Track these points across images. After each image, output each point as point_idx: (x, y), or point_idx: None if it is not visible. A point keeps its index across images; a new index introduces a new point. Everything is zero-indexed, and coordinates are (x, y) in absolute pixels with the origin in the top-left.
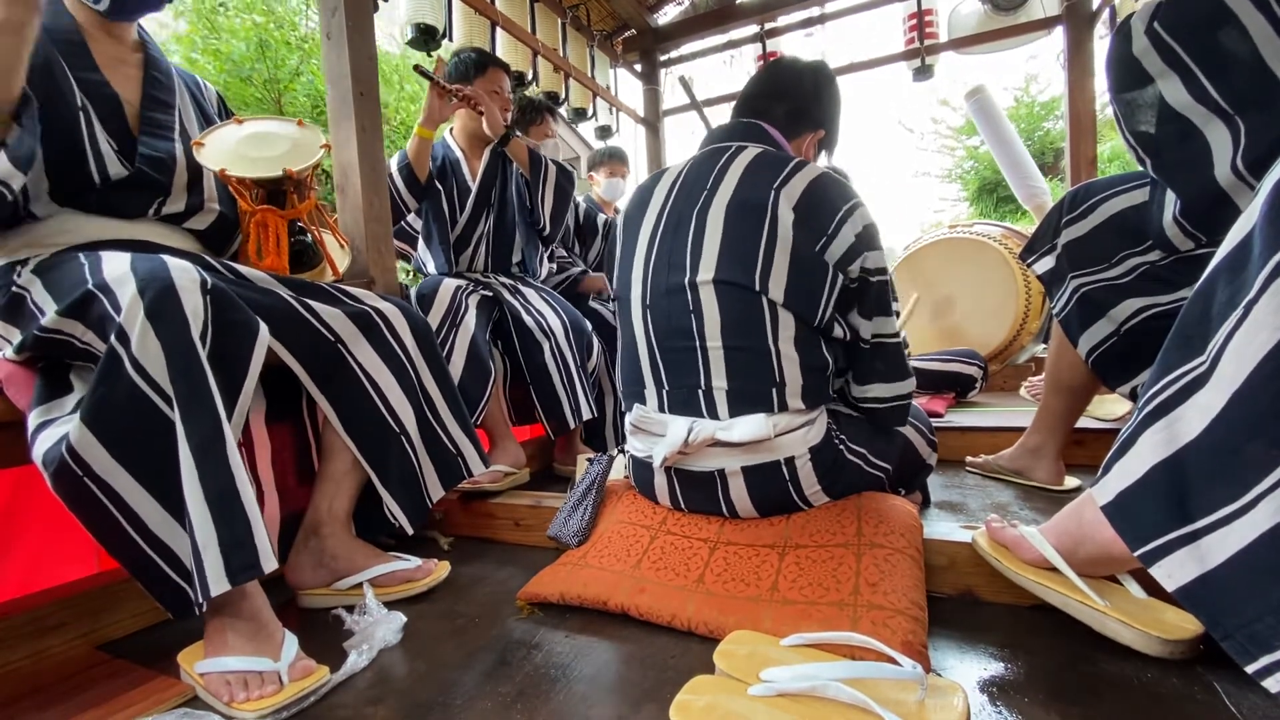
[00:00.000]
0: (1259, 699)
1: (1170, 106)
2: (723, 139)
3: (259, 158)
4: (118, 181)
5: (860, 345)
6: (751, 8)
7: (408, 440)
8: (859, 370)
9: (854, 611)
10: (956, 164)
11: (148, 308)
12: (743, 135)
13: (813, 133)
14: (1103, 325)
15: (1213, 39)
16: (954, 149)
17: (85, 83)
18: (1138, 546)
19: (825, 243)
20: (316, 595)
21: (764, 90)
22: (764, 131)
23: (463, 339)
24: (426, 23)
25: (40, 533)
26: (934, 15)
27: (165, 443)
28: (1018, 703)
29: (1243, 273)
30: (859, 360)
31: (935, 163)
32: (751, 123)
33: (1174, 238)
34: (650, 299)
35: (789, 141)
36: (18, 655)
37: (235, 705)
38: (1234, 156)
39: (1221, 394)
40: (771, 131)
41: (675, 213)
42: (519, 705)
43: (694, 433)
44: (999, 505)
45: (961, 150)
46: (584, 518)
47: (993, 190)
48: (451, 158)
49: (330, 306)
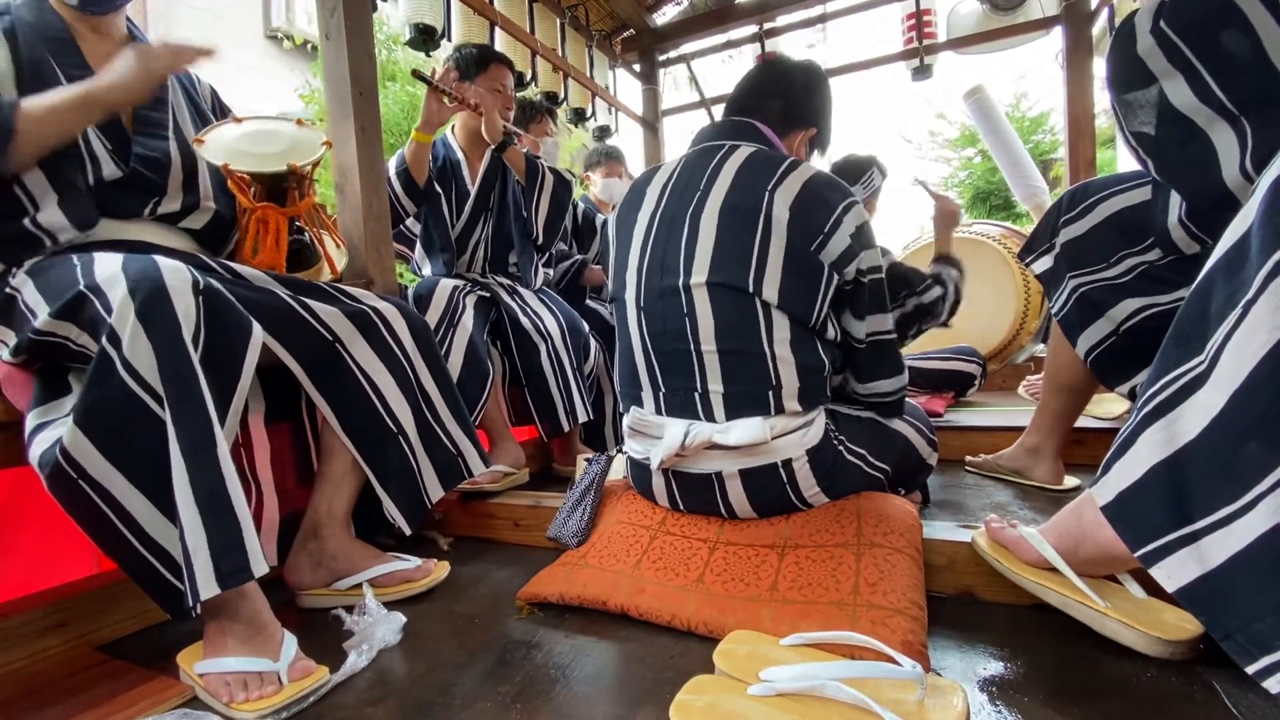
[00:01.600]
0: (1258, 698)
1: (1172, 107)
2: (714, 138)
3: (262, 153)
4: (113, 182)
5: (855, 345)
6: (750, 8)
7: (406, 440)
8: (860, 369)
9: (853, 611)
10: (952, 173)
11: (138, 309)
12: (735, 134)
13: (804, 130)
14: (1101, 325)
15: (1219, 38)
16: (950, 159)
17: (76, 81)
18: (1138, 547)
19: (821, 242)
20: (316, 595)
21: (755, 89)
22: (756, 130)
23: (460, 339)
24: (425, 23)
25: (40, 533)
26: (932, 15)
27: (158, 444)
28: (1017, 702)
29: (1240, 272)
30: (858, 359)
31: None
32: (744, 121)
33: (1179, 240)
34: (644, 301)
35: (781, 139)
36: (17, 656)
37: (235, 706)
38: (1242, 159)
39: (1221, 394)
40: (764, 130)
41: (668, 214)
42: (519, 705)
43: (690, 436)
44: (998, 505)
45: (957, 160)
46: (583, 518)
47: (986, 198)
48: (452, 159)
49: (328, 306)
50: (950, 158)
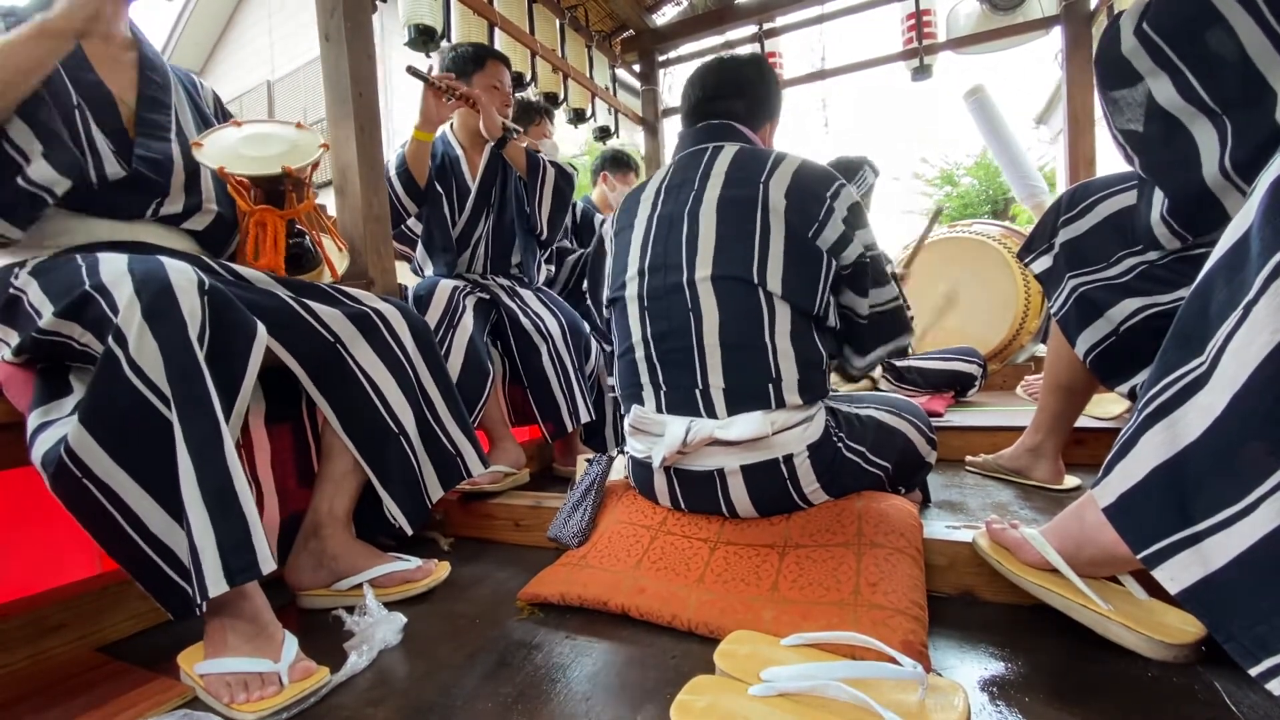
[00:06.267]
0: (1259, 698)
1: (1158, 105)
2: (698, 141)
3: (258, 156)
4: (115, 182)
5: (857, 320)
6: (750, 8)
7: (407, 441)
8: (863, 342)
9: (854, 611)
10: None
11: (145, 309)
12: (718, 135)
13: (770, 122)
14: (1101, 325)
15: (1201, 39)
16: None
17: (80, 82)
18: (1140, 549)
19: (817, 229)
20: (316, 596)
21: (720, 91)
22: (734, 129)
23: (460, 339)
24: (424, 23)
25: (40, 534)
26: (932, 15)
27: (164, 443)
28: (1018, 702)
29: (1241, 272)
30: (860, 332)
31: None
32: (721, 123)
33: (1161, 236)
34: (648, 301)
35: (755, 134)
36: (18, 657)
37: (235, 706)
38: (1221, 156)
39: (1222, 395)
40: (740, 128)
41: (666, 215)
42: (519, 706)
43: (692, 432)
44: (999, 504)
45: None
46: (584, 518)
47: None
48: (451, 155)
49: (329, 307)
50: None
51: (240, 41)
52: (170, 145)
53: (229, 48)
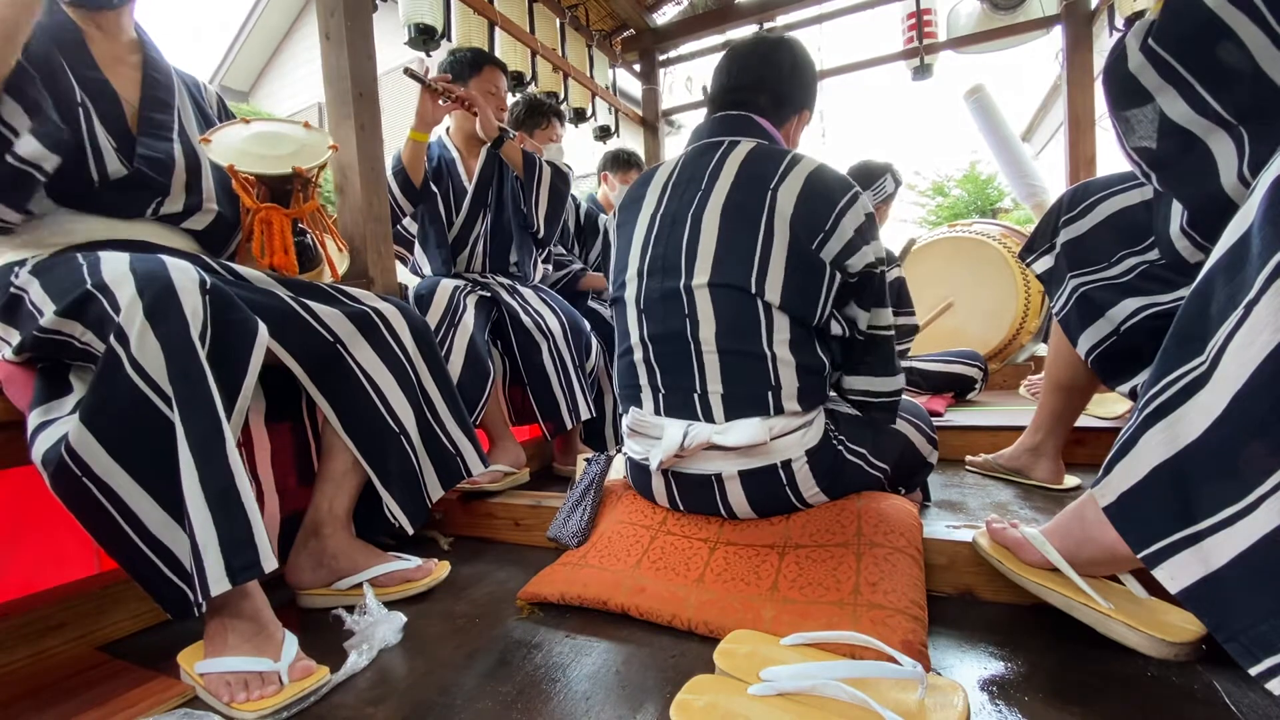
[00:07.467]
0: (1259, 698)
1: (1171, 120)
2: (712, 134)
3: (267, 155)
4: (116, 181)
5: (856, 337)
6: (750, 8)
7: (407, 440)
8: (850, 361)
9: (854, 611)
10: (927, 214)
11: (147, 308)
12: (732, 129)
13: (797, 115)
14: (1102, 325)
15: (1209, 52)
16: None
17: (85, 80)
18: (1141, 548)
19: (822, 240)
20: (316, 595)
21: (742, 81)
22: (753, 123)
23: (461, 339)
24: (425, 23)
25: (40, 533)
26: (933, 15)
27: (164, 443)
28: (1018, 701)
29: (1241, 272)
30: (851, 351)
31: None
32: (739, 115)
33: (1184, 250)
34: (645, 302)
35: (778, 129)
36: (18, 656)
37: (235, 706)
38: (1240, 165)
39: (1222, 395)
40: (761, 122)
41: (669, 213)
42: (519, 705)
43: (689, 436)
44: (999, 504)
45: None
46: (583, 518)
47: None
48: (447, 158)
49: (329, 307)
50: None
51: (295, 63)
52: (172, 145)
53: (284, 67)
